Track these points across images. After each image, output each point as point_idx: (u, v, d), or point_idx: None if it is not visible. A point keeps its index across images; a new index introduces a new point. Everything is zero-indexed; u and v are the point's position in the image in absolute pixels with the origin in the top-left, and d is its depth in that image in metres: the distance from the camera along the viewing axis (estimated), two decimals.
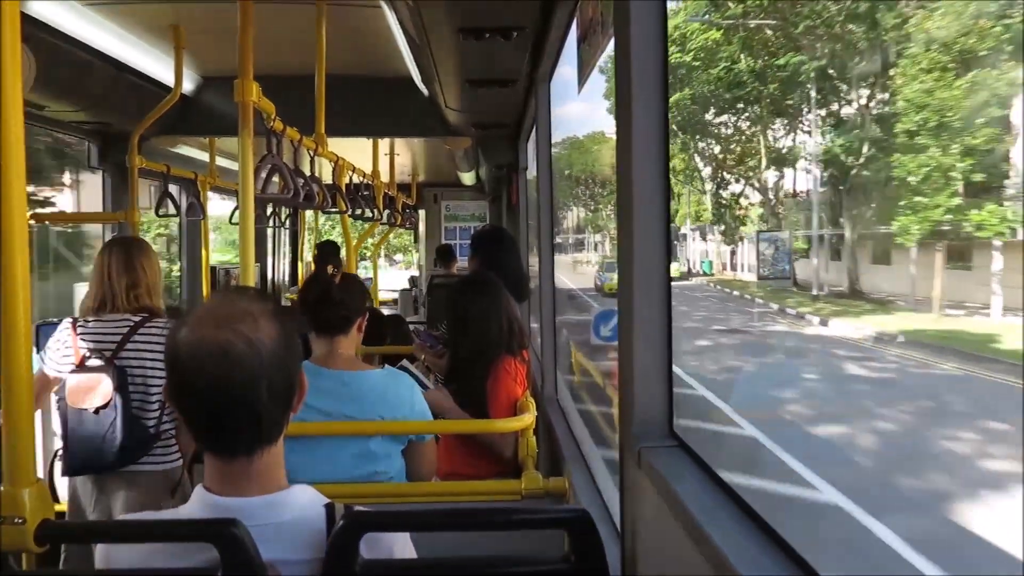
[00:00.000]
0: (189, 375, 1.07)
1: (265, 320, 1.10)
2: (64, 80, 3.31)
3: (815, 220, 7.84)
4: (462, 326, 2.70)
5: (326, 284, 2.25)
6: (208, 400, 1.08)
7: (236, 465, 1.12)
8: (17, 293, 1.33)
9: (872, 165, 6.48)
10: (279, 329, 1.11)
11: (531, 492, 2.17)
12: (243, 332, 1.07)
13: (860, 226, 6.88)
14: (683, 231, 13.94)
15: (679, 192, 19.10)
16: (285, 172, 2.77)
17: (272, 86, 2.55)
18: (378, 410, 2.15)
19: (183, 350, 1.08)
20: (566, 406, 3.52)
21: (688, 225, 13.83)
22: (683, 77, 9.83)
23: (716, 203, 12.29)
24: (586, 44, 2.31)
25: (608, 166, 31.41)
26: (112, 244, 2.84)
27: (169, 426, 2.67)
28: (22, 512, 1.23)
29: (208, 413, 1.09)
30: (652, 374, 1.32)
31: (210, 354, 1.06)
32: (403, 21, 2.89)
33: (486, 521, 1.27)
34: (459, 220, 8.70)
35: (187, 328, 1.09)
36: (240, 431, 1.10)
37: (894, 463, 4.80)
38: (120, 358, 2.60)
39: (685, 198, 13.87)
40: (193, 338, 1.08)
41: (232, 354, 1.06)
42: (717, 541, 0.94)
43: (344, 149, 4.18)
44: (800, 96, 8.42)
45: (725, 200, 12.00)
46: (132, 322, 2.66)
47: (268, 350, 1.08)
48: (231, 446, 1.11)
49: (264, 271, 7.35)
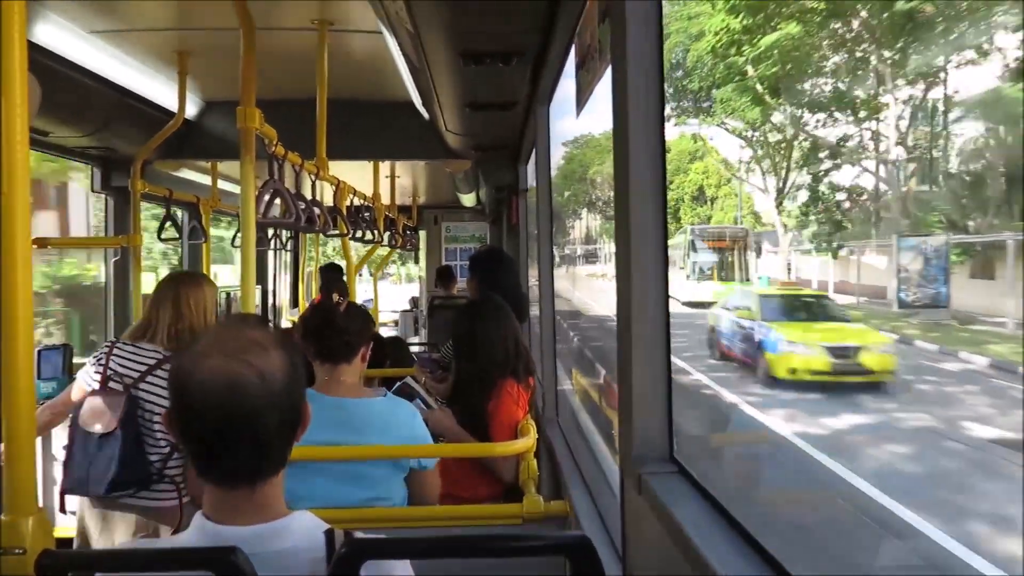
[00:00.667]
0: (196, 404, 1.07)
1: (275, 351, 1.10)
2: (68, 106, 3.34)
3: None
4: (469, 348, 2.71)
5: (330, 311, 2.25)
6: (214, 430, 1.08)
7: (238, 495, 1.12)
8: (19, 318, 1.34)
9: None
10: (288, 360, 1.11)
11: (531, 516, 2.16)
12: (254, 363, 1.08)
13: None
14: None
15: (726, 192, 16.88)
16: (287, 196, 2.79)
17: (274, 110, 2.58)
18: (379, 437, 2.14)
19: (192, 379, 1.08)
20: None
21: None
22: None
23: (811, 196, 9.50)
24: (584, 70, 2.34)
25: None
26: (169, 278, 2.86)
27: (175, 471, 2.62)
28: (23, 543, 1.22)
29: (213, 443, 1.09)
30: (652, 399, 1.32)
31: (220, 384, 1.06)
32: (404, 47, 2.92)
33: (486, 547, 1.26)
34: (459, 241, 8.73)
35: (195, 357, 1.09)
36: (244, 462, 1.10)
37: None
38: (138, 388, 2.58)
39: (731, 198, 12.45)
40: (202, 367, 1.07)
41: (242, 385, 1.06)
42: (716, 568, 0.94)
43: (345, 172, 4.21)
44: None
45: (820, 192, 9.28)
46: (162, 355, 2.64)
47: (278, 381, 1.09)
48: (233, 476, 1.11)
49: (265, 293, 7.36)
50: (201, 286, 2.81)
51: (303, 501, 1.40)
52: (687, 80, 13.29)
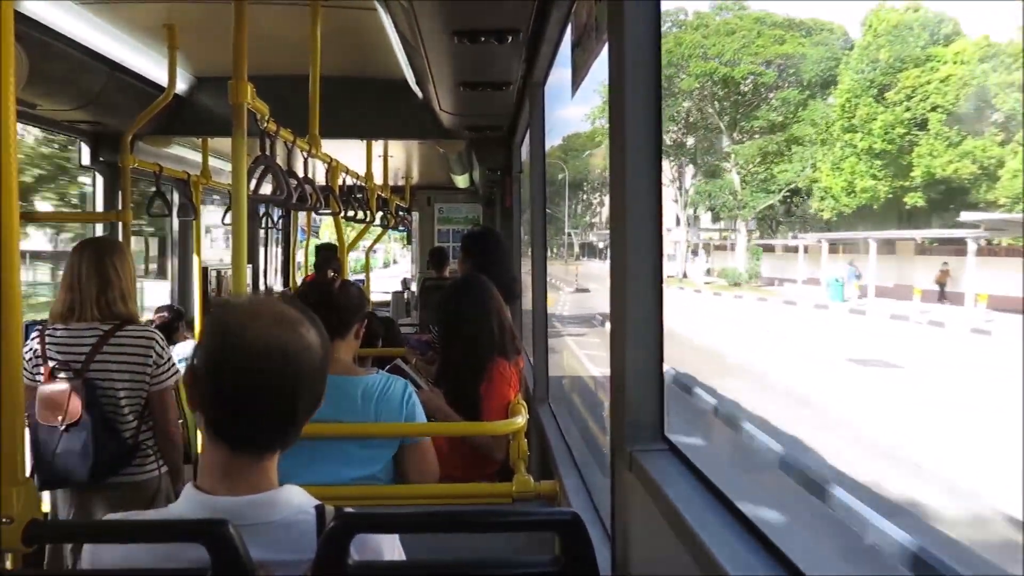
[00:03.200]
0: (241, 364, 1.08)
1: (314, 328, 1.14)
2: (56, 78, 3.30)
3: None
4: (455, 328, 2.70)
5: (325, 288, 2.24)
6: (251, 393, 1.09)
7: (242, 462, 1.12)
8: (7, 292, 1.33)
9: None
10: (324, 338, 1.16)
11: (522, 495, 2.17)
12: (304, 336, 1.11)
13: None
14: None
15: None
16: (278, 173, 2.76)
17: (266, 87, 2.55)
18: (372, 415, 2.14)
19: (241, 339, 1.08)
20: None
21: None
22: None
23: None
24: (580, 48, 2.32)
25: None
26: (83, 246, 2.71)
27: (146, 436, 2.61)
28: (10, 512, 1.22)
29: (245, 406, 1.09)
30: (644, 378, 1.32)
31: (272, 348, 1.08)
32: (397, 23, 2.89)
33: (476, 523, 1.27)
34: (452, 223, 8.69)
35: (244, 319, 1.10)
36: (265, 429, 1.12)
37: None
38: (90, 371, 2.51)
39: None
40: (255, 330, 1.09)
41: (293, 353, 1.09)
42: (707, 543, 0.94)
43: (338, 151, 4.18)
44: None
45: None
46: (101, 331, 2.55)
47: (319, 357, 1.13)
48: (250, 442, 1.12)
49: (256, 272, 7.33)
50: (121, 249, 2.72)
51: (293, 476, 1.40)
52: None
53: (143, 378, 2.59)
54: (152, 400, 2.62)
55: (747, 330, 16.94)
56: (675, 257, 26.94)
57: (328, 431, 2.11)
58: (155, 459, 2.64)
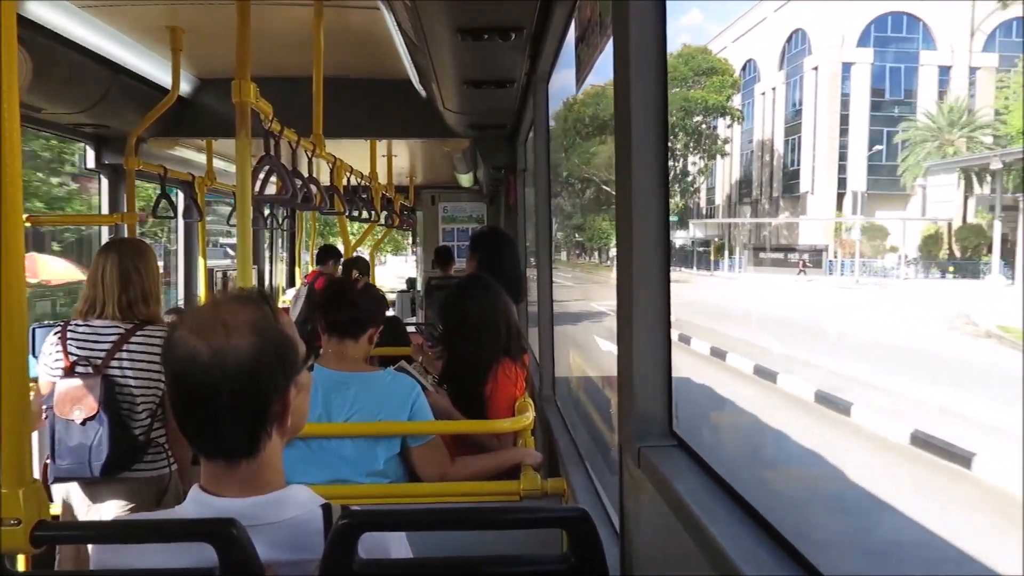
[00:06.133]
0: (167, 373, 1.12)
1: (241, 331, 1.09)
2: (60, 82, 3.30)
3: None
4: (460, 328, 2.69)
5: (343, 285, 2.25)
6: (181, 402, 1.11)
7: (226, 469, 1.13)
8: (12, 295, 1.32)
9: None
10: (254, 342, 1.09)
11: (529, 493, 2.16)
12: (210, 341, 1.08)
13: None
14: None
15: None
16: (283, 173, 2.76)
17: (269, 87, 2.54)
18: (378, 412, 2.14)
19: (165, 349, 1.12)
20: None
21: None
22: None
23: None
24: (584, 44, 2.31)
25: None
26: (109, 246, 2.79)
27: (159, 434, 2.64)
28: (18, 513, 1.22)
29: (186, 415, 1.12)
30: (652, 374, 1.31)
31: (179, 356, 1.09)
32: (401, 21, 2.88)
33: (484, 520, 1.26)
34: (457, 222, 8.69)
35: (171, 329, 1.13)
36: (229, 437, 1.11)
37: None
38: (109, 368, 2.55)
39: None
40: (171, 339, 1.11)
41: (195, 359, 1.08)
42: (718, 539, 0.93)
43: (342, 150, 4.18)
44: None
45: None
46: (122, 330, 2.60)
47: (232, 361, 1.07)
48: (217, 449, 1.13)
49: (261, 273, 7.34)
50: (144, 251, 2.76)
51: (299, 475, 1.40)
52: None
53: (159, 378, 2.62)
54: (166, 399, 2.65)
55: None
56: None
57: (330, 430, 2.11)
58: (167, 456, 2.67)
